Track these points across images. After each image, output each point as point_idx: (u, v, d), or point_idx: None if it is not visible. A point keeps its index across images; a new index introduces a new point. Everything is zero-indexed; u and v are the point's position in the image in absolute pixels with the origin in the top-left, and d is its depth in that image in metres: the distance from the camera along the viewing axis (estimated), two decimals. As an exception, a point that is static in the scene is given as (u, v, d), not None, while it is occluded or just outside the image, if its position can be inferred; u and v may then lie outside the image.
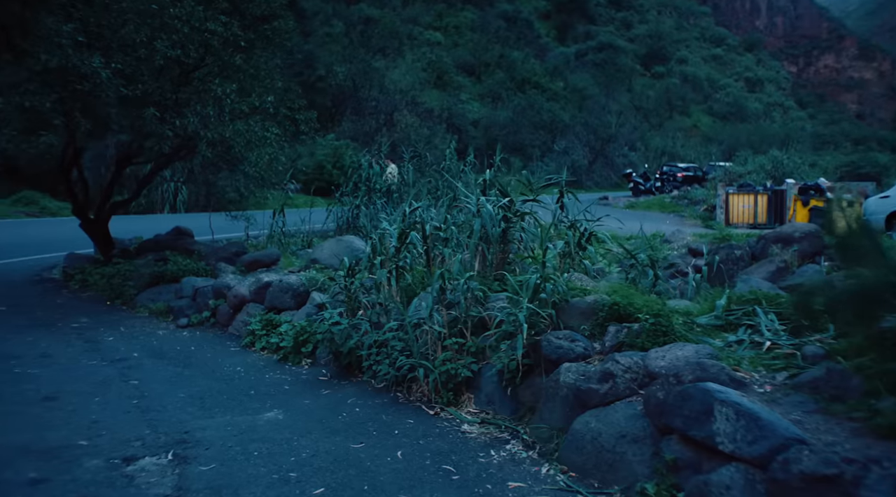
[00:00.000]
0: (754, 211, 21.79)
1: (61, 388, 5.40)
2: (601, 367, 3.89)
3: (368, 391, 5.23)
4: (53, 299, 9.12)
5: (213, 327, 7.58)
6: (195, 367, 6.04)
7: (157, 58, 7.79)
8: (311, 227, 13.86)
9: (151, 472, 3.85)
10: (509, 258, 5.76)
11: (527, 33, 66.30)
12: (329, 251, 8.09)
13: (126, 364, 6.13)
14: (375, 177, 14.65)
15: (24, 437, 4.35)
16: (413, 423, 4.52)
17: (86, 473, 3.82)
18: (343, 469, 3.82)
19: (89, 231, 10.19)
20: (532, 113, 46.23)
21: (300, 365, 6.05)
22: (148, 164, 10.85)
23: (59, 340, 6.97)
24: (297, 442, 4.23)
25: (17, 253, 12.88)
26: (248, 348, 6.66)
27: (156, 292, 8.62)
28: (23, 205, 23.27)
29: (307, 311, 6.63)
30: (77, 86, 7.36)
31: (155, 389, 5.39)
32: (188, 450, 4.15)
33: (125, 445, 4.25)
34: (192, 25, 7.98)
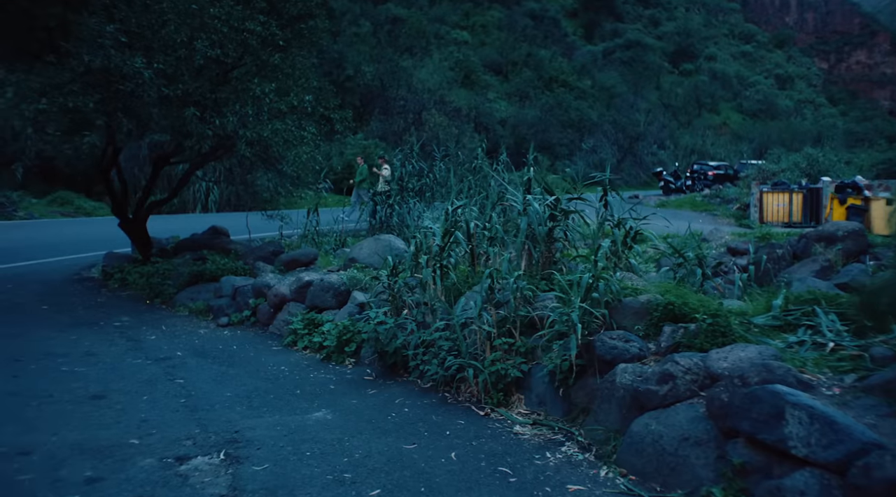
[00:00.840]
0: (789, 209, 21.41)
1: (108, 386, 5.42)
2: (660, 368, 3.81)
3: (415, 391, 5.19)
4: (94, 298, 9.19)
5: (254, 326, 7.58)
6: (239, 366, 6.04)
7: (196, 57, 7.81)
8: (345, 227, 13.89)
9: (205, 472, 3.84)
10: (555, 257, 5.68)
11: (554, 32, 65.94)
12: (368, 250, 8.06)
13: (170, 363, 6.14)
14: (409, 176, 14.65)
15: (77, 436, 4.36)
16: (464, 423, 4.47)
17: (140, 473, 3.81)
18: (398, 470, 3.78)
19: (128, 230, 10.27)
20: (560, 111, 45.96)
21: (343, 364, 6.02)
22: (181, 164, 10.89)
23: (103, 339, 7.01)
24: (348, 442, 4.19)
25: (56, 252, 13.02)
26: (291, 347, 6.65)
27: (195, 291, 8.65)
28: (58, 205, 23.56)
29: (349, 310, 6.61)
30: (119, 86, 7.41)
31: (201, 388, 5.39)
32: (240, 449, 4.13)
33: (176, 445, 4.24)
34: (231, 25, 7.99)
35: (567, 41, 67.82)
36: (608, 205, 6.63)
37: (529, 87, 50.21)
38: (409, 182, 14.72)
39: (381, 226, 14.37)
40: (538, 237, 5.44)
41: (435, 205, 14.72)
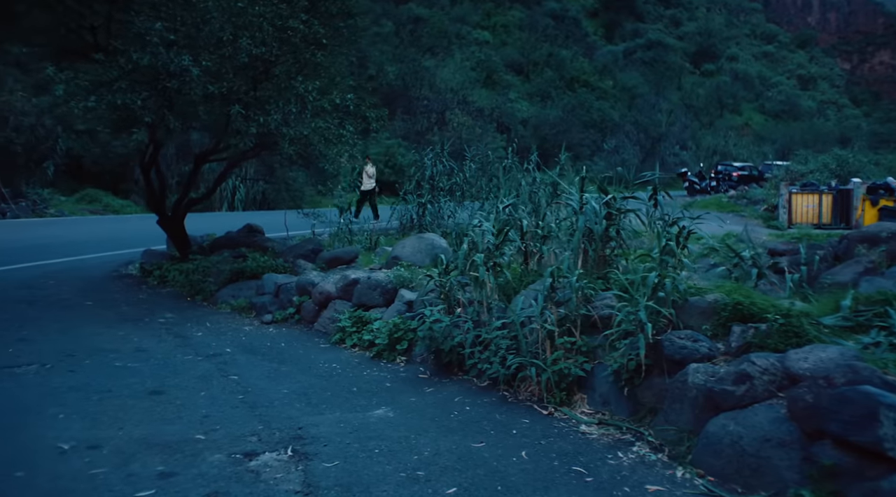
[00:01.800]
0: (818, 211, 21.16)
1: (164, 382, 5.44)
2: (735, 369, 3.76)
3: (472, 389, 5.16)
4: (135, 295, 9.25)
5: (298, 324, 7.59)
6: (290, 364, 6.04)
7: (241, 55, 7.84)
8: (375, 225, 13.92)
9: (275, 468, 3.83)
10: (610, 256, 5.64)
11: (574, 31, 65.71)
12: (411, 248, 8.05)
13: (221, 359, 6.16)
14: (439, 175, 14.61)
15: (142, 430, 4.38)
16: (528, 422, 4.44)
17: (211, 468, 3.81)
18: (470, 469, 3.75)
19: (166, 228, 10.32)
20: (582, 112, 45.80)
21: (395, 362, 6.01)
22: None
23: (150, 335, 7.04)
24: (415, 440, 4.17)
25: (91, 249, 13.14)
26: (339, 345, 6.65)
27: (236, 288, 8.68)
28: (86, 202, 23.79)
29: (397, 308, 6.59)
30: (166, 84, 7.45)
31: (257, 385, 5.40)
32: (306, 446, 4.13)
33: (241, 441, 4.24)
34: (274, 24, 8.02)
35: (588, 41, 67.54)
36: (658, 204, 6.61)
37: (551, 88, 50.07)
38: (440, 181, 14.65)
39: (411, 224, 14.34)
40: (595, 236, 5.40)
41: (464, 204, 14.71)
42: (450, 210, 14.43)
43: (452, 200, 14.62)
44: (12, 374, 5.54)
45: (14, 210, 18.92)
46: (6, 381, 5.37)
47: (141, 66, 7.39)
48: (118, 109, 7.34)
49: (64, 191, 24.22)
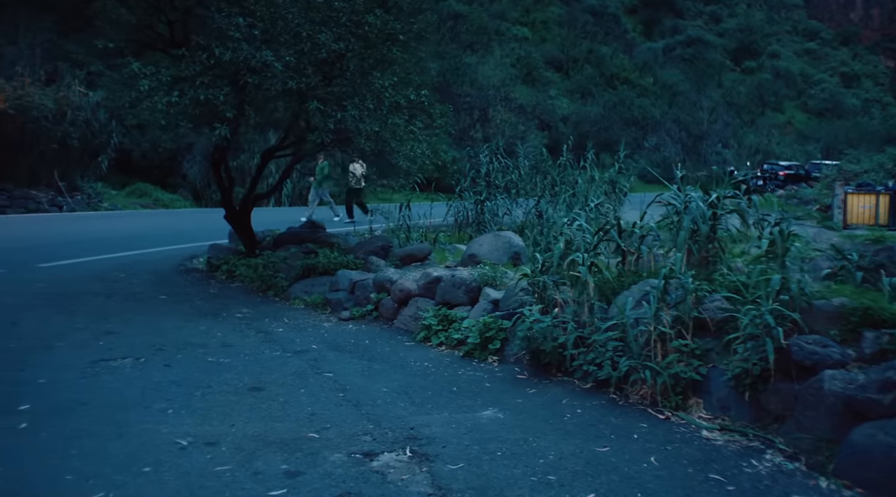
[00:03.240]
0: (875, 211, 20.69)
1: (260, 378, 5.42)
2: (879, 376, 3.62)
3: (576, 391, 5.06)
4: (206, 289, 9.29)
5: (376, 321, 7.55)
6: (381, 361, 5.99)
7: (321, 51, 7.81)
8: (431, 222, 13.86)
9: (399, 469, 3.78)
10: (714, 256, 5.50)
11: (614, 28, 65.13)
12: (488, 246, 7.97)
13: (309, 356, 6.13)
14: (495, 173, 14.49)
15: (254, 428, 4.35)
16: (647, 427, 4.33)
17: (334, 468, 3.77)
18: (602, 474, 3.66)
19: (233, 222, 10.35)
20: (623, 109, 45.39)
21: (486, 362, 5.93)
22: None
23: (232, 330, 7.05)
24: (535, 443, 4.09)
25: (151, 243, 13.24)
26: (424, 343, 6.59)
27: (308, 284, 8.67)
28: (136, 196, 24.10)
29: (483, 307, 6.52)
30: (248, 79, 7.44)
31: (354, 383, 5.35)
32: (424, 447, 4.07)
33: (355, 440, 4.20)
34: (353, 19, 7.98)
35: (627, 38, 66.92)
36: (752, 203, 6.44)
37: (591, 84, 49.67)
38: (496, 178, 14.53)
39: (467, 222, 14.26)
40: (700, 236, 5.27)
41: (518, 201, 14.60)
42: (506, 207, 14.34)
43: (508, 198, 14.53)
44: (109, 368, 5.57)
45: (70, 203, 19.20)
46: (105, 374, 5.39)
47: (222, 62, 7.39)
48: (201, 104, 7.34)
49: (114, 185, 24.55)
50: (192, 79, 7.47)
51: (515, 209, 14.70)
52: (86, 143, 19.37)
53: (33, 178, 19.07)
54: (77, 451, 3.93)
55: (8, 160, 18.50)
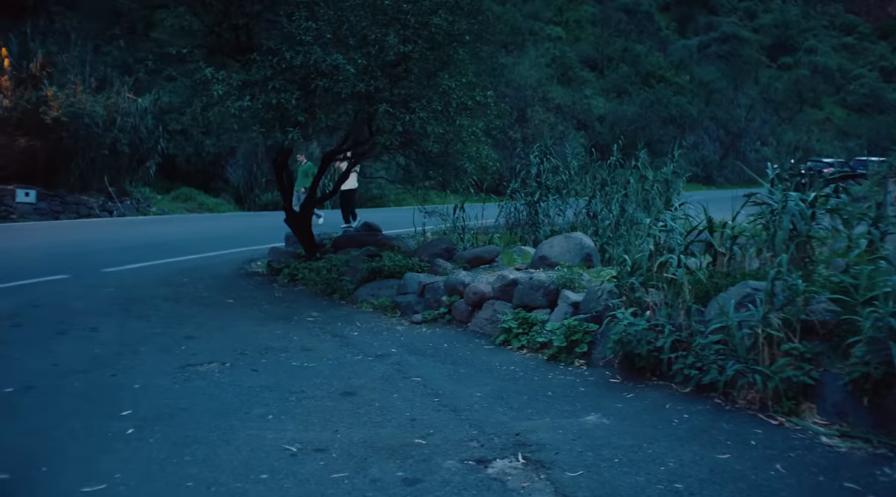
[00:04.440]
0: (931, 207, 20.16)
1: (349, 383, 5.39)
2: None
3: (676, 396, 4.96)
4: (270, 293, 9.31)
5: (449, 324, 7.48)
6: (465, 365, 5.93)
7: (388, 53, 7.78)
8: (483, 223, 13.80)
9: (516, 476, 3.71)
10: (810, 257, 5.35)
11: (647, 26, 64.46)
12: (559, 248, 7.88)
13: (392, 360, 6.09)
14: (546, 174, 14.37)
15: (358, 433, 4.32)
16: (762, 433, 4.21)
17: (451, 475, 3.71)
18: (730, 482, 3.56)
19: (294, 226, 10.36)
20: (660, 107, 44.90)
21: (572, 365, 5.84)
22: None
23: (308, 334, 7.04)
24: (650, 449, 3.99)
25: (205, 247, 13.33)
26: (503, 347, 6.51)
27: (375, 287, 8.64)
28: (181, 201, 24.32)
29: (564, 310, 6.42)
30: (318, 82, 7.43)
31: (445, 387, 5.30)
32: (536, 453, 3.99)
33: (463, 446, 4.14)
34: (420, 20, 7.94)
35: (661, 36, 66.18)
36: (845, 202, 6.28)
37: (626, 83, 49.19)
38: (547, 179, 14.40)
39: (518, 223, 14.16)
40: (800, 236, 5.13)
41: (569, 202, 14.46)
42: (558, 208, 14.22)
43: (559, 198, 14.41)
44: (198, 373, 5.58)
45: (120, 209, 19.45)
46: (197, 380, 5.40)
47: (293, 66, 7.39)
48: (273, 108, 7.35)
49: (158, 189, 24.81)
50: (262, 83, 7.47)
51: (568, 210, 14.57)
52: (134, 148, 19.61)
53: (84, 184, 19.34)
54: (190, 457, 3.92)
55: (61, 166, 18.80)
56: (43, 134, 18.04)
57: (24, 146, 17.92)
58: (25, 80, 18.45)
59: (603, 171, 14.31)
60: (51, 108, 17.86)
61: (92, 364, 5.76)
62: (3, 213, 17.54)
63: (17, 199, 17.64)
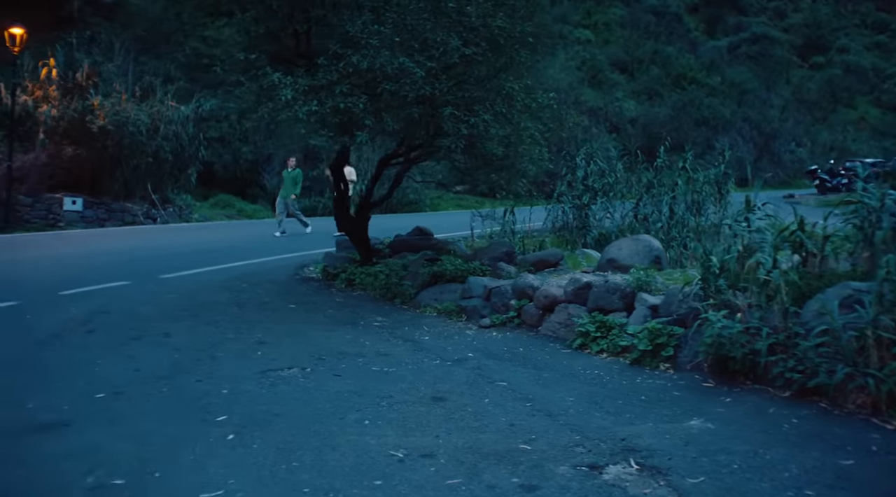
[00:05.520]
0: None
1: (436, 388, 5.34)
2: None
3: (776, 400, 4.83)
4: (330, 298, 9.30)
5: (518, 328, 7.40)
6: (547, 370, 5.85)
7: (452, 56, 7.73)
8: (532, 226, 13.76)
9: (635, 483, 3.62)
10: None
11: (676, 28, 63.97)
12: (628, 250, 7.78)
13: (470, 364, 6.03)
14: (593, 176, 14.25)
15: (459, 439, 4.26)
16: (880, 438, 4.09)
17: (568, 481, 3.64)
18: (862, 488, 3.45)
19: (349, 231, 10.34)
20: (692, 109, 44.51)
21: (657, 369, 5.74)
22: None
23: (379, 339, 7.00)
24: (767, 455, 3.88)
25: (254, 254, 13.38)
26: (581, 350, 6.41)
27: (437, 292, 8.59)
28: (220, 207, 24.53)
29: (642, 313, 6.32)
30: (385, 86, 7.40)
31: (533, 392, 5.22)
32: (648, 459, 3.90)
33: (570, 452, 4.06)
34: (484, 22, 7.88)
35: (690, 37, 65.67)
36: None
37: (657, 85, 48.84)
38: (594, 181, 14.29)
39: (563, 226, 14.06)
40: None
41: (615, 204, 14.35)
42: (606, 210, 14.12)
43: (607, 201, 14.31)
44: (281, 378, 5.56)
45: (164, 216, 19.61)
46: (282, 385, 5.38)
47: (359, 70, 7.37)
48: (340, 112, 7.33)
49: (197, 196, 25.05)
50: (328, 87, 7.46)
51: (615, 213, 14.48)
52: (176, 155, 19.79)
53: (128, 192, 19.54)
54: (298, 463, 3.88)
55: (105, 175, 19.01)
56: (89, 142, 18.26)
57: (71, 155, 18.15)
58: (72, 89, 18.71)
59: (649, 173, 14.18)
60: (97, 116, 18.08)
61: (173, 370, 5.77)
62: (52, 221, 17.77)
63: (65, 208, 17.86)
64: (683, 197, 13.69)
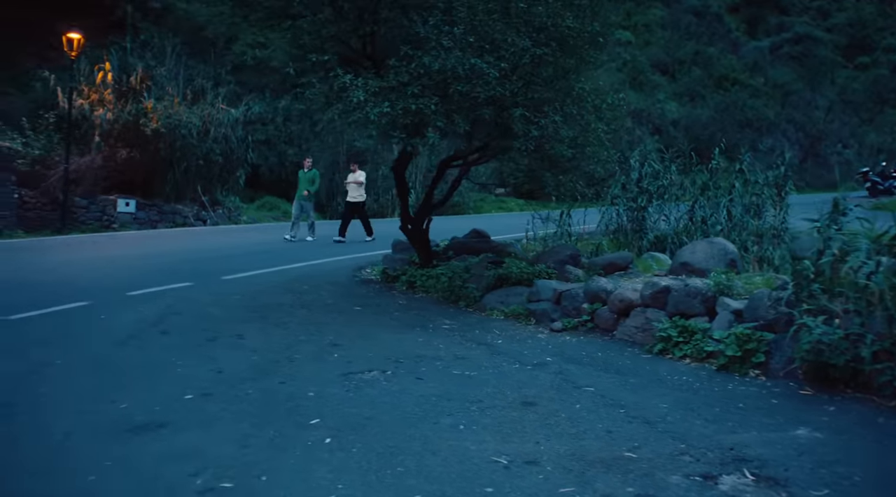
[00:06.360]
0: None
1: (522, 392, 5.25)
2: None
3: (882, 409, 4.67)
4: (393, 300, 9.27)
5: (591, 332, 7.29)
6: (632, 375, 5.72)
7: (523, 56, 7.65)
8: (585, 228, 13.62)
9: (753, 494, 3.51)
10: None
11: (717, 28, 63.15)
12: (703, 254, 7.61)
13: (552, 369, 5.93)
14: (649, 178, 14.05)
15: (562, 446, 4.17)
16: None
17: (686, 492, 3.54)
18: None
19: (410, 233, 10.31)
20: (736, 110, 43.86)
21: (747, 375, 5.59)
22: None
23: (451, 342, 6.94)
24: (889, 467, 3.74)
25: (309, 256, 13.44)
26: (662, 355, 6.28)
27: (503, 295, 8.51)
28: (266, 209, 24.72)
29: (726, 317, 6.17)
30: (457, 87, 7.34)
31: (623, 398, 5.11)
32: (763, 470, 3.77)
33: (677, 460, 3.95)
34: (554, 22, 7.79)
35: (731, 37, 64.78)
36: None
37: (699, 86, 48.22)
38: (648, 183, 14.10)
39: (617, 229, 13.89)
40: None
41: (668, 206, 14.14)
42: (663, 213, 13.93)
43: (662, 203, 14.12)
44: (364, 381, 5.51)
45: (213, 217, 19.80)
46: (367, 388, 5.33)
47: (431, 71, 7.32)
48: (412, 114, 7.29)
49: (243, 199, 25.27)
50: (398, 89, 7.43)
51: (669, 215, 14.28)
52: (226, 158, 19.98)
53: (178, 194, 19.77)
54: (402, 468, 3.82)
55: (157, 177, 19.25)
56: (142, 145, 18.53)
57: (125, 157, 18.42)
58: (126, 93, 19.00)
59: (704, 175, 13.97)
60: (150, 119, 18.33)
61: (255, 372, 5.75)
62: (106, 223, 18.04)
63: (119, 209, 18.11)
64: (740, 199, 13.48)
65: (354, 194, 16.34)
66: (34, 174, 17.38)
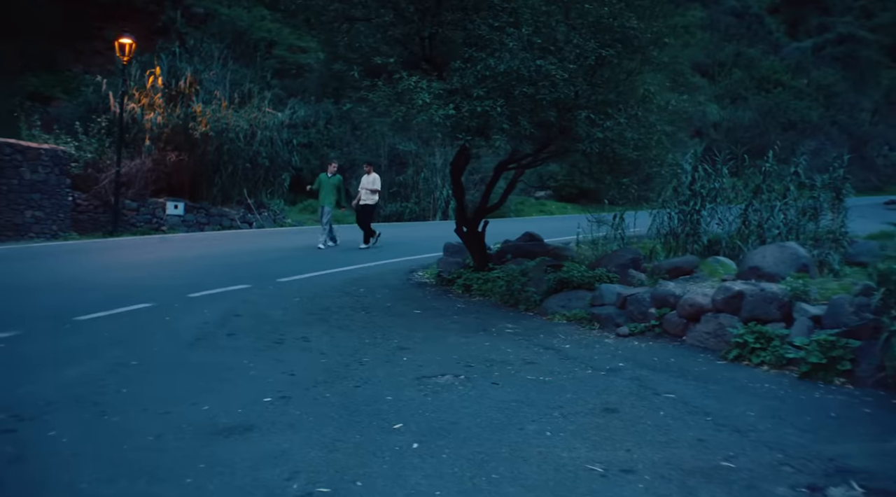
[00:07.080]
0: None
1: (602, 399, 5.16)
2: None
3: (985, 421, 4.51)
4: (451, 303, 9.22)
5: (660, 337, 7.16)
6: (710, 382, 5.60)
7: (589, 58, 7.56)
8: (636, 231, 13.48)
9: (867, 508, 3.38)
10: None
11: (758, 29, 62.26)
12: (773, 258, 7.45)
13: (626, 375, 5.83)
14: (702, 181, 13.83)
15: (653, 453, 4.08)
16: None
17: (794, 503, 3.42)
18: None
19: (465, 236, 10.26)
20: (778, 113, 43.14)
21: (831, 383, 5.44)
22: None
23: (518, 346, 6.87)
24: None
25: (359, 259, 13.46)
26: (737, 362, 6.15)
27: (564, 298, 8.42)
28: (309, 212, 24.82)
29: (804, 323, 6.01)
30: (523, 89, 7.28)
31: (707, 405, 4.99)
32: (871, 482, 3.65)
33: (778, 471, 3.85)
34: (619, 23, 7.69)
35: (771, 39, 63.83)
36: None
37: (740, 88, 47.52)
38: (700, 186, 13.86)
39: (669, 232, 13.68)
40: None
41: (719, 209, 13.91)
42: (717, 216, 13.71)
43: (714, 206, 13.90)
44: (439, 386, 5.47)
45: (259, 220, 19.97)
46: (444, 393, 5.28)
47: (496, 73, 7.27)
48: (478, 116, 7.24)
49: (286, 201, 25.45)
50: (462, 91, 7.39)
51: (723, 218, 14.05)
52: (272, 161, 20.14)
53: (225, 197, 19.97)
54: (497, 475, 3.76)
55: (204, 180, 19.47)
56: (190, 148, 18.76)
57: (174, 160, 18.65)
58: (175, 97, 19.25)
59: (757, 178, 13.72)
60: (199, 123, 18.55)
61: (328, 375, 5.73)
62: (155, 225, 18.29)
63: (168, 212, 18.35)
64: (795, 202, 13.22)
65: (366, 199, 16.02)
66: (86, 177, 17.68)
